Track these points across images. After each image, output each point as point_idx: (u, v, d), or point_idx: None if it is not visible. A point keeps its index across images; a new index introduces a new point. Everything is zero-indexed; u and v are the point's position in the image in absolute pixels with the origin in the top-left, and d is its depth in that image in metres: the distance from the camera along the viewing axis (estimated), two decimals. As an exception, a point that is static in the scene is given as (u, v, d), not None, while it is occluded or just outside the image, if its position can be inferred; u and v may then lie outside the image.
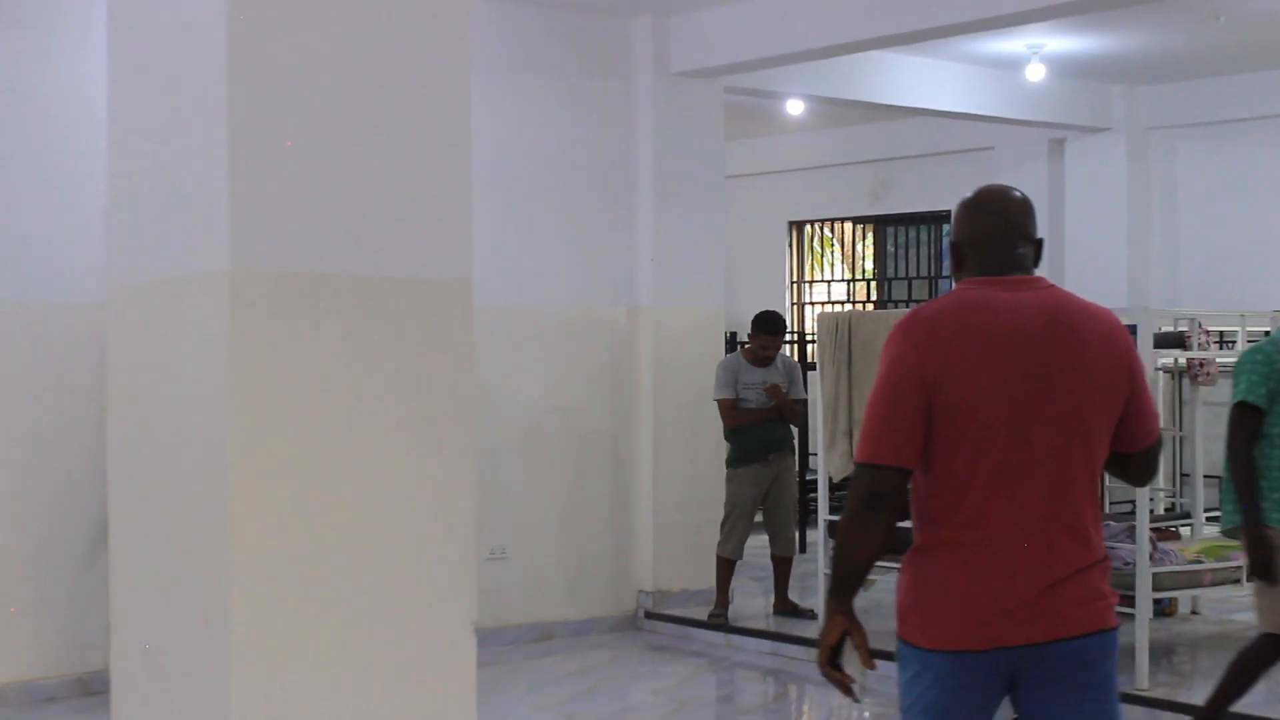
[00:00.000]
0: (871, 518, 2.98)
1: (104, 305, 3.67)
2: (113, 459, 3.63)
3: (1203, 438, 7.78)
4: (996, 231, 3.12)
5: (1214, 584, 6.65)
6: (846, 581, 3.04)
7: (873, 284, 13.59)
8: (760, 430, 7.77)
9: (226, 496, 3.20)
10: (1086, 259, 10.80)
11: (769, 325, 7.83)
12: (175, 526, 3.42)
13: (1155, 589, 6.29)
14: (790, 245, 13.80)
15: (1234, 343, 8.07)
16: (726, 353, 8.51)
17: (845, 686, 3.01)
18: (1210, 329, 7.64)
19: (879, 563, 3.38)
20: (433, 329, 3.51)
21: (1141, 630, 6.17)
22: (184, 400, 3.36)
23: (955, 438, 2.94)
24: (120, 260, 3.59)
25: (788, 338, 12.49)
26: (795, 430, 8.21)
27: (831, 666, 3.01)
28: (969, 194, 3.22)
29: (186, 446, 3.37)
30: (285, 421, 3.27)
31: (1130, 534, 6.38)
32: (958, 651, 2.96)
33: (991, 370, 2.94)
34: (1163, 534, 6.92)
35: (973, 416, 2.93)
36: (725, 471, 7.88)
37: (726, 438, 7.89)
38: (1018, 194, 3.18)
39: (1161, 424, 3.39)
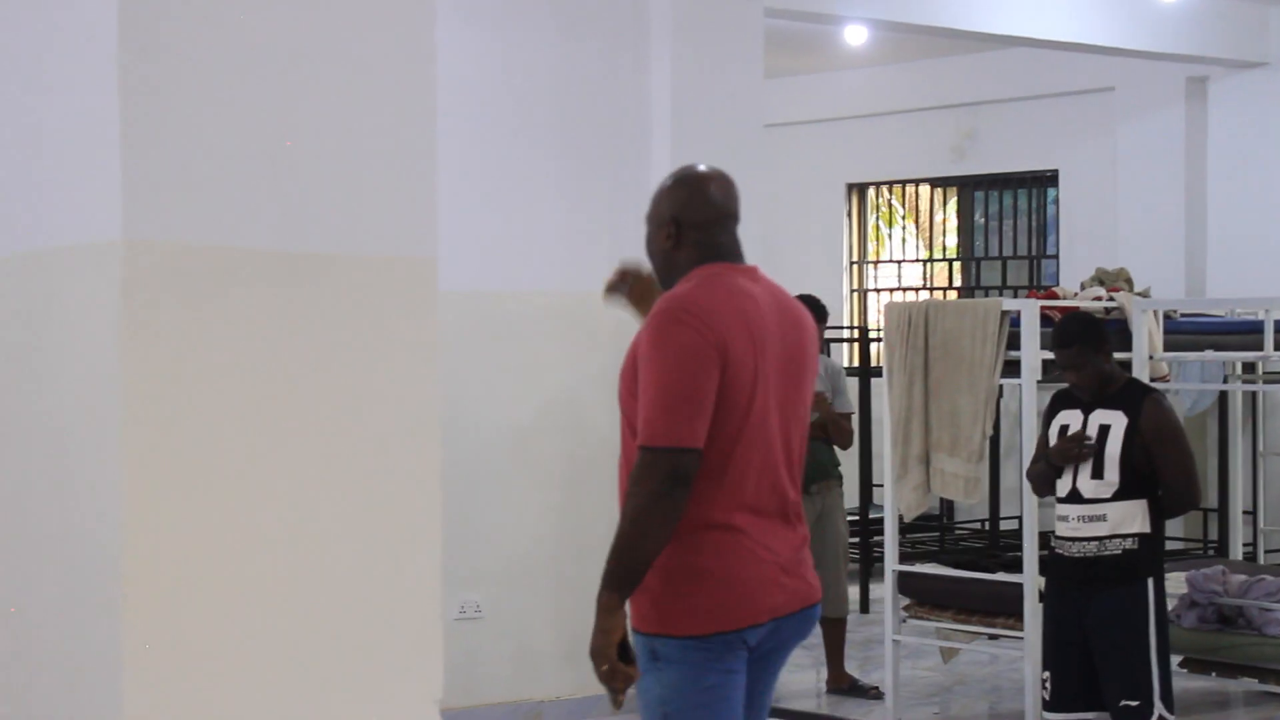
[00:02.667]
0: (675, 504, 3.74)
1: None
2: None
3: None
4: (729, 215, 3.99)
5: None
6: (635, 574, 3.82)
7: (956, 265, 13.60)
8: (799, 454, 7.78)
9: (116, 535, 3.20)
10: (1235, 227, 10.80)
11: (804, 314, 7.84)
12: (47, 566, 3.42)
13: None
14: (850, 215, 13.81)
15: None
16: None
17: (621, 690, 3.77)
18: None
19: (965, 626, 3.54)
20: (384, 320, 3.51)
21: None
22: (62, 403, 3.37)
23: (723, 421, 3.78)
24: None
25: (844, 334, 12.68)
26: (842, 453, 8.21)
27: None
28: (691, 169, 4.03)
29: (66, 460, 3.37)
30: (190, 437, 3.26)
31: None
32: (731, 632, 3.79)
33: (757, 358, 3.81)
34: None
35: (740, 403, 3.78)
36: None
37: (759, 464, 7.89)
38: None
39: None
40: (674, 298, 3.84)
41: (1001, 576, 7.63)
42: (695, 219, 3.94)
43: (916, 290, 13.60)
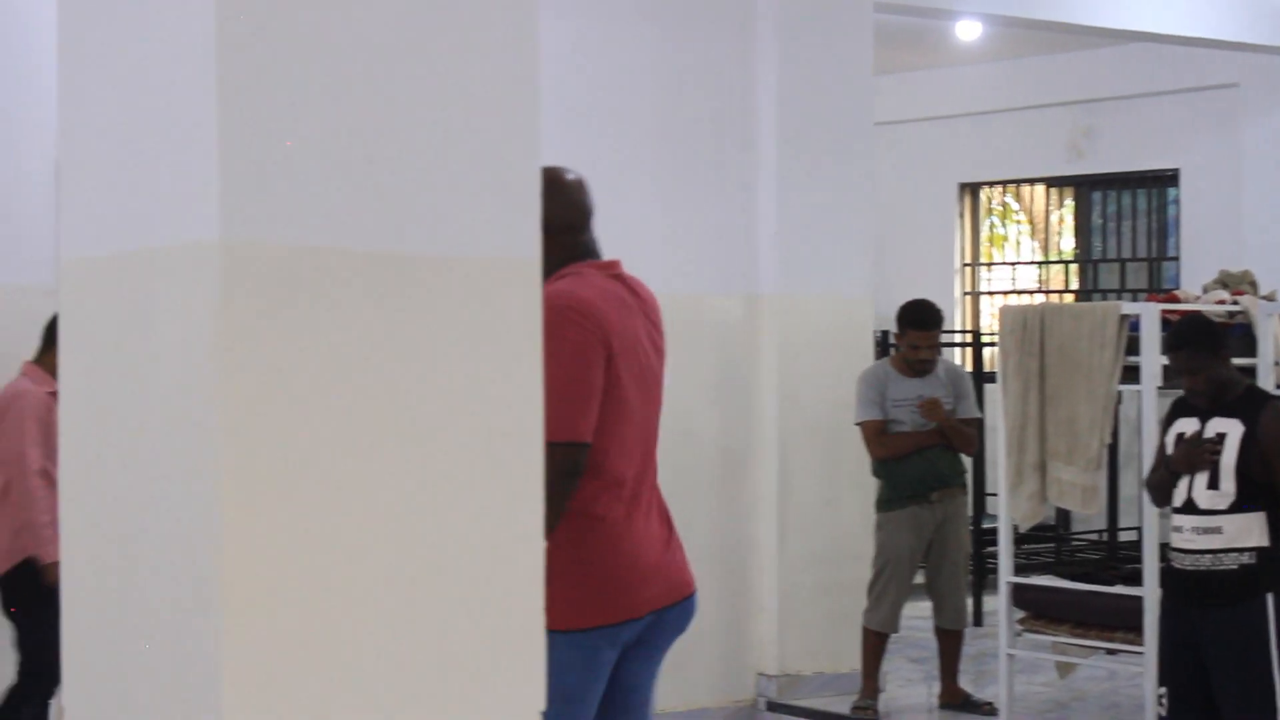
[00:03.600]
0: (568, 499, 3.92)
1: (53, 290, 3.73)
2: (66, 472, 3.68)
3: None
4: (590, 213, 4.24)
5: None
6: None
7: (1073, 268, 13.49)
8: (918, 461, 7.74)
9: (215, 540, 3.22)
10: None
11: (919, 318, 7.80)
12: (145, 569, 3.45)
13: None
14: (962, 216, 13.73)
15: None
16: (877, 358, 8.47)
17: None
18: None
19: (1082, 641, 3.46)
20: (487, 323, 3.51)
21: None
22: (159, 402, 3.40)
23: (603, 415, 4.00)
24: (76, 230, 3.64)
25: (957, 338, 12.60)
26: (967, 461, 8.16)
27: None
28: (548, 171, 4.05)
29: (164, 463, 3.40)
30: (289, 441, 3.28)
31: None
32: (609, 626, 4.00)
33: (631, 355, 4.07)
34: None
35: (616, 396, 4.02)
36: (874, 517, 7.85)
37: (875, 472, 7.87)
38: None
39: None
40: (559, 294, 3.97)
41: (1120, 589, 7.53)
42: (561, 223, 4.04)
43: (1031, 293, 13.50)
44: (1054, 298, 13.31)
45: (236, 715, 3.22)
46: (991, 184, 13.70)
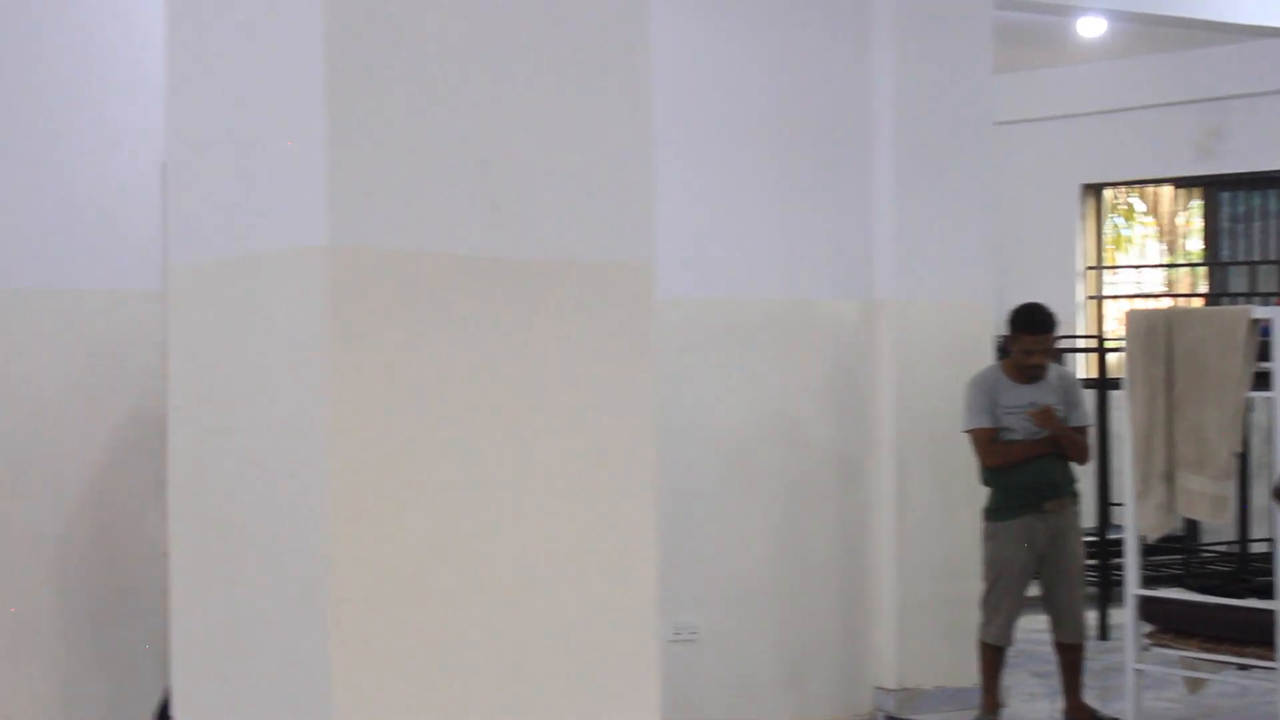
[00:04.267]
0: None
1: (156, 295, 3.76)
2: (175, 475, 3.72)
3: None
4: None
5: None
6: None
7: (1200, 271, 13.33)
8: (1030, 470, 7.68)
9: (324, 541, 3.23)
10: None
11: (1031, 321, 7.73)
12: (254, 574, 3.47)
13: None
14: (1084, 218, 13.59)
15: None
16: (998, 361, 8.40)
17: None
18: None
19: (1212, 655, 3.36)
20: (600, 328, 3.51)
21: None
22: (267, 405, 3.42)
23: None
24: (185, 235, 3.67)
25: (1080, 344, 12.46)
26: (1080, 470, 8.08)
27: None
28: None
29: (275, 465, 3.42)
30: (398, 445, 3.29)
31: None
32: None
33: None
34: None
35: None
36: (983, 526, 7.79)
37: (984, 481, 7.81)
38: None
39: None
40: None
41: (1252, 602, 7.43)
42: None
43: (1158, 297, 13.35)
44: (1181, 301, 13.16)
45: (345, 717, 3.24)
46: (1115, 185, 13.56)
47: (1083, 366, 12.26)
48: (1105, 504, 10.62)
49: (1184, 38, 11.21)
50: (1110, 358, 11.24)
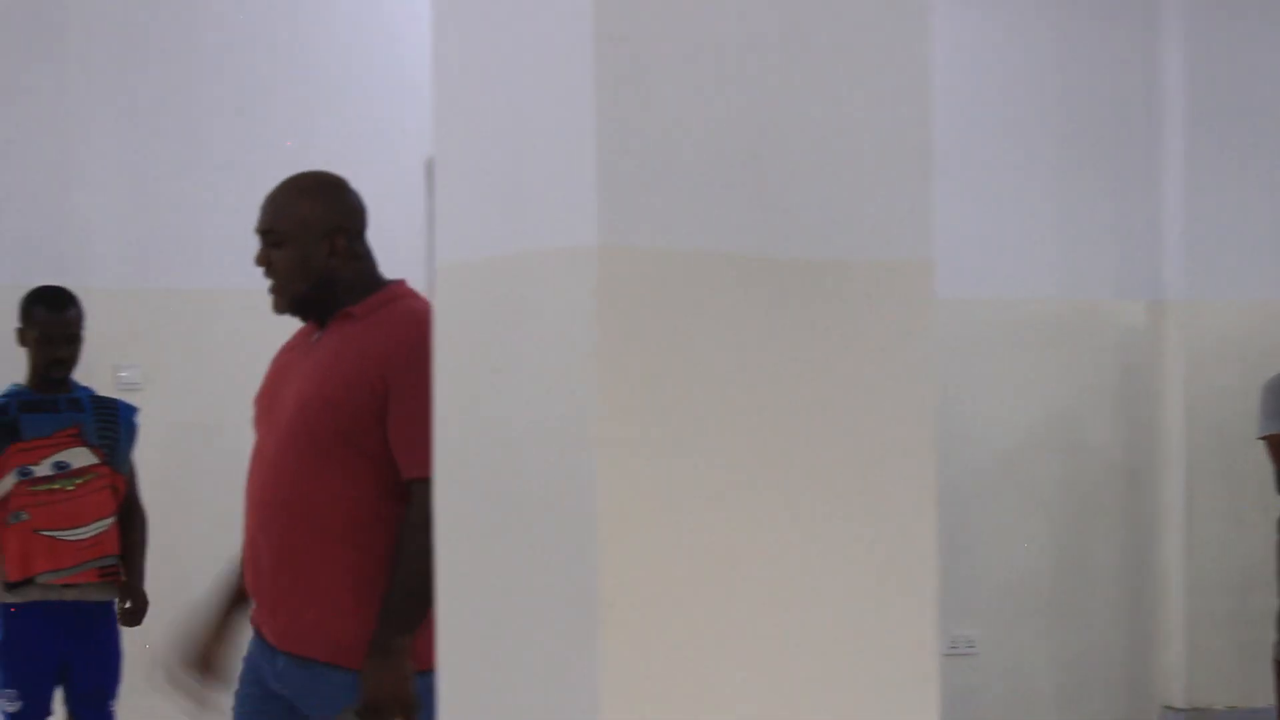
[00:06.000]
0: None
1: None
2: (439, 477, 3.79)
3: None
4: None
5: None
6: (426, 614, 3.67)
7: None
8: (1333, 477, 7.48)
9: (592, 544, 3.26)
10: None
11: (1333, 317, 7.52)
12: (521, 578, 3.52)
13: None
14: (1390, 210, 13.14)
15: None
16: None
17: None
18: None
19: None
20: (877, 331, 3.49)
21: None
22: (533, 407, 3.47)
23: None
24: (451, 234, 3.74)
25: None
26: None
27: None
28: (318, 173, 4.00)
29: (543, 466, 3.47)
30: (669, 449, 3.30)
31: None
32: None
33: None
34: None
35: None
36: (1277, 538, 7.62)
37: (1280, 489, 7.65)
38: None
39: None
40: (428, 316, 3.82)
41: None
42: (359, 227, 3.98)
43: None
44: None
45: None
46: None
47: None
48: None
49: None
50: None
